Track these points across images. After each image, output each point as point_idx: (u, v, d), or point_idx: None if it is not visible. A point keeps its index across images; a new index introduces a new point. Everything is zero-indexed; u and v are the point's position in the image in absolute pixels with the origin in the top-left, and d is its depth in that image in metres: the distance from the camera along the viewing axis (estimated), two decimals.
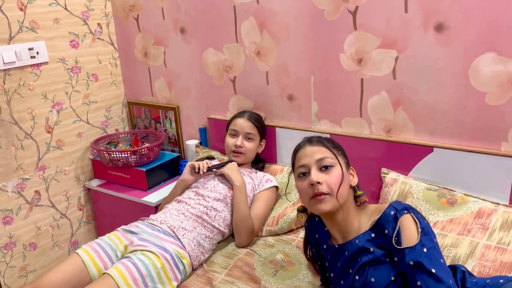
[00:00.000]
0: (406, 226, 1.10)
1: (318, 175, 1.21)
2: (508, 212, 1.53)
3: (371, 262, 1.15)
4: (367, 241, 1.17)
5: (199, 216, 1.73)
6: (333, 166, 1.22)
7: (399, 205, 1.15)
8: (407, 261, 1.07)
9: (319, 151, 1.25)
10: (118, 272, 1.43)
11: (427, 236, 1.09)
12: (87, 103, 2.45)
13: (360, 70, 1.80)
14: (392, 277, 1.11)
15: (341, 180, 1.21)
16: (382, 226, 1.15)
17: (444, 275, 1.04)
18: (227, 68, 2.19)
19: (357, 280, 1.17)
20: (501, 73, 1.50)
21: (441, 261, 1.07)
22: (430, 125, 1.70)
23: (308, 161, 1.24)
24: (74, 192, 2.46)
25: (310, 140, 1.29)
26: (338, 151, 1.29)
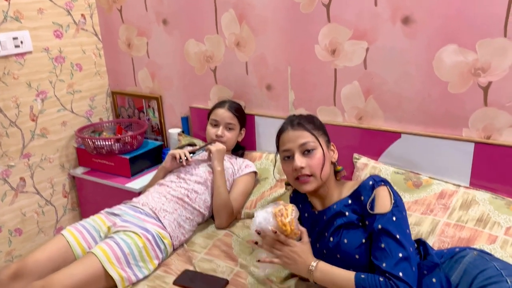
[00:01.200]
0: (381, 195, 1.22)
1: (301, 160, 1.30)
2: (468, 193, 1.64)
3: (345, 225, 1.26)
4: (344, 206, 1.29)
5: (180, 198, 1.81)
6: (315, 149, 1.31)
7: (377, 177, 1.28)
8: (376, 225, 1.18)
9: (301, 136, 1.33)
10: (102, 250, 1.51)
11: (398, 208, 1.21)
12: (71, 92, 2.51)
13: (333, 60, 1.89)
14: (363, 239, 1.22)
15: (323, 162, 1.31)
16: (359, 194, 1.26)
17: (406, 243, 1.16)
18: (208, 59, 2.27)
19: (331, 241, 1.28)
20: (462, 63, 1.61)
21: (406, 231, 1.19)
22: (398, 112, 1.81)
23: (291, 146, 1.33)
24: (59, 180, 2.52)
25: (292, 123, 1.36)
26: (319, 131, 1.37)
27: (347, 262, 1.24)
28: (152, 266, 1.60)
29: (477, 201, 1.59)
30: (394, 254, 1.13)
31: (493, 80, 1.57)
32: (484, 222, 1.52)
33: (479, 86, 1.60)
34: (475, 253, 1.19)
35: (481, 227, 1.51)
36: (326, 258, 1.30)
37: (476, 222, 1.53)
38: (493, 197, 1.60)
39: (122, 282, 1.49)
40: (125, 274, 1.50)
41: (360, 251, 1.21)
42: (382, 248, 1.15)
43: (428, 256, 1.23)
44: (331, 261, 1.28)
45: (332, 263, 1.28)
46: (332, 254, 1.27)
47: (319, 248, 1.33)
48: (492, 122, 1.62)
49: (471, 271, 1.13)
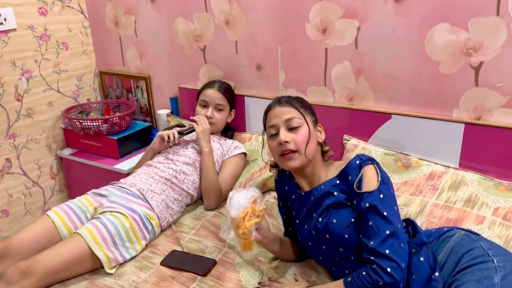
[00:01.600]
0: (368, 174, 1.21)
1: (286, 135, 1.29)
2: (457, 174, 1.64)
3: (334, 205, 1.25)
4: (332, 186, 1.27)
5: (168, 179, 1.79)
6: (301, 126, 1.30)
7: (364, 156, 1.27)
8: (363, 204, 1.17)
9: (287, 112, 1.31)
10: (88, 231, 1.49)
11: (386, 185, 1.20)
12: (58, 71, 2.45)
13: (324, 39, 1.86)
14: (352, 219, 1.21)
15: (308, 138, 1.29)
16: (347, 173, 1.25)
17: (394, 219, 1.15)
18: (197, 38, 2.22)
19: (320, 222, 1.27)
20: (454, 42, 1.59)
21: (394, 208, 1.18)
22: (389, 93, 1.79)
23: (277, 122, 1.32)
24: (46, 161, 2.48)
25: (279, 101, 1.36)
26: (306, 110, 1.36)
27: (336, 242, 1.23)
28: (140, 247, 1.59)
29: (466, 182, 1.59)
30: (382, 231, 1.13)
31: (485, 60, 1.55)
32: (472, 203, 1.52)
33: (470, 66, 1.59)
34: (462, 233, 1.19)
35: (469, 207, 1.51)
36: (315, 239, 1.29)
37: (464, 203, 1.53)
38: (482, 178, 1.60)
39: (108, 263, 1.48)
40: (112, 255, 1.49)
41: (349, 231, 1.21)
42: (369, 226, 1.15)
43: (416, 235, 1.23)
44: (320, 241, 1.28)
45: (321, 244, 1.28)
46: (321, 234, 1.26)
47: (308, 229, 1.32)
48: (483, 103, 1.60)
49: (457, 250, 1.13)
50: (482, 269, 1.03)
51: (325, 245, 1.27)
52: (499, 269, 1.01)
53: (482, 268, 1.03)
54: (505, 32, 1.49)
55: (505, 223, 1.43)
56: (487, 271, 1.02)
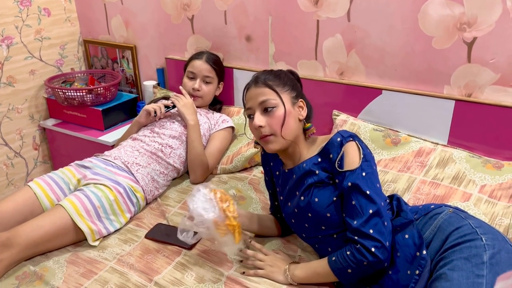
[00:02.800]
0: (350, 152, 1.18)
1: (261, 119, 1.24)
2: (445, 151, 1.63)
3: (316, 183, 1.23)
4: (314, 164, 1.24)
5: (153, 152, 1.75)
6: (276, 107, 1.24)
7: (345, 133, 1.22)
8: (346, 183, 1.15)
9: (262, 93, 1.25)
10: (71, 203, 1.45)
11: (368, 162, 1.17)
12: (40, 39, 2.36)
13: (316, 11, 1.80)
14: (334, 197, 1.20)
15: (283, 120, 1.24)
16: (328, 151, 1.22)
17: (377, 197, 1.13)
18: (185, 6, 2.15)
19: (302, 200, 1.25)
20: (448, 17, 1.55)
21: (377, 186, 1.16)
22: (380, 68, 1.76)
23: (252, 104, 1.27)
24: (29, 131, 2.42)
25: (256, 81, 1.29)
26: (284, 87, 1.28)
27: (318, 221, 1.22)
28: (124, 219, 1.57)
29: (454, 159, 1.58)
30: (365, 211, 1.11)
31: (478, 36, 1.52)
32: (459, 180, 1.52)
33: (463, 42, 1.56)
34: (450, 210, 1.18)
35: (456, 184, 1.51)
36: (298, 217, 1.28)
37: (451, 180, 1.53)
38: (470, 156, 1.59)
39: (92, 235, 1.45)
40: (95, 227, 1.46)
41: (331, 209, 1.19)
42: (353, 205, 1.13)
43: (401, 212, 1.21)
44: (303, 219, 1.27)
45: (303, 221, 1.27)
46: (303, 212, 1.25)
47: (291, 207, 1.31)
48: (475, 79, 1.58)
49: (445, 228, 1.12)
50: (470, 247, 1.02)
51: (307, 223, 1.26)
52: (487, 248, 1.01)
53: (471, 246, 1.02)
54: (500, 6, 1.46)
55: (491, 201, 1.43)
56: (476, 249, 1.02)
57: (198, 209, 1.24)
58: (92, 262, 1.37)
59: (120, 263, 1.36)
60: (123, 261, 1.37)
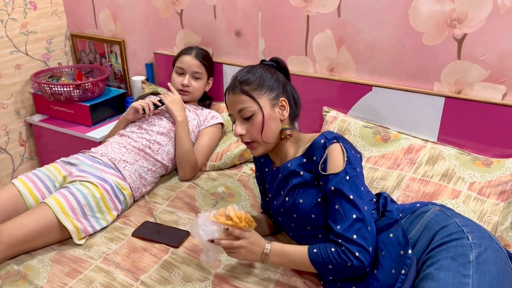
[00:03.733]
0: (333, 154, 1.16)
1: (241, 128, 1.24)
2: (435, 148, 1.62)
3: (300, 184, 1.21)
4: (298, 165, 1.23)
5: (141, 149, 1.72)
6: (254, 114, 1.22)
7: (329, 134, 1.20)
8: (329, 186, 1.13)
9: (239, 101, 1.23)
10: (55, 201, 1.43)
11: (352, 165, 1.15)
12: (25, 33, 2.31)
13: (306, 6, 1.78)
14: (318, 199, 1.18)
15: (261, 127, 1.22)
16: (312, 153, 1.20)
17: (360, 202, 1.11)
18: (174, 1, 2.11)
19: (287, 201, 1.24)
20: (438, 13, 1.54)
21: (361, 189, 1.14)
22: (371, 64, 1.74)
23: (232, 112, 1.27)
24: (15, 127, 2.37)
25: (233, 87, 1.25)
26: (262, 89, 1.23)
27: (303, 221, 1.21)
28: (111, 217, 1.54)
29: (444, 157, 1.58)
30: (348, 216, 1.10)
31: (469, 32, 1.52)
32: (448, 177, 1.52)
33: (454, 38, 1.55)
34: (437, 208, 1.17)
35: (445, 182, 1.51)
36: (283, 216, 1.27)
37: (441, 177, 1.52)
38: (459, 153, 1.59)
39: (77, 234, 1.43)
40: (81, 225, 1.44)
41: (316, 211, 1.18)
42: (336, 209, 1.12)
43: (387, 212, 1.20)
44: (288, 219, 1.26)
45: (289, 221, 1.26)
46: (288, 213, 1.24)
47: (277, 206, 1.30)
48: (465, 76, 1.58)
49: (431, 226, 1.11)
50: (457, 246, 1.02)
51: (293, 223, 1.25)
52: (474, 246, 1.00)
53: (457, 245, 1.02)
54: (490, 3, 1.45)
55: (480, 198, 1.43)
56: (462, 248, 1.01)
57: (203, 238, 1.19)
58: (77, 261, 1.35)
59: (106, 262, 1.34)
60: (109, 260, 1.34)
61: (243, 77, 1.25)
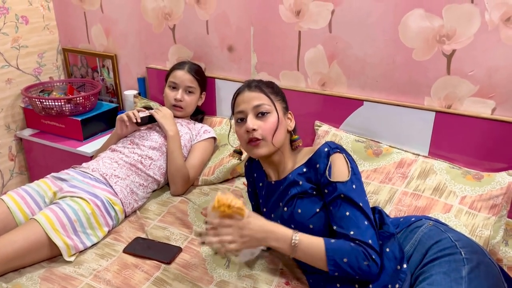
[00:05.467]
0: (337, 163, 1.17)
1: (254, 122, 1.24)
2: (426, 162, 1.64)
3: (299, 194, 1.22)
4: (298, 174, 1.24)
5: (133, 164, 1.71)
6: (270, 113, 1.25)
7: (333, 144, 1.22)
8: (338, 193, 1.13)
9: (257, 98, 1.26)
10: (45, 217, 1.41)
11: (356, 175, 1.17)
12: (17, 47, 2.31)
13: (298, 22, 1.80)
14: (317, 209, 1.18)
15: (276, 126, 1.24)
16: (315, 161, 1.21)
17: (368, 210, 1.14)
18: (167, 16, 2.13)
19: (285, 212, 1.23)
20: (427, 29, 1.56)
21: (365, 199, 1.16)
22: (362, 79, 1.76)
23: (246, 107, 1.26)
24: (4, 142, 2.35)
25: (249, 85, 1.30)
26: (277, 96, 1.30)
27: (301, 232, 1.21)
28: (102, 233, 1.52)
29: (435, 171, 1.59)
30: (361, 223, 1.10)
31: (457, 48, 1.54)
32: (440, 191, 1.52)
33: (443, 54, 1.57)
34: (430, 223, 1.18)
35: (437, 196, 1.51)
36: None
37: (432, 191, 1.53)
38: (450, 167, 1.60)
39: (68, 250, 1.41)
40: (71, 242, 1.42)
41: (314, 221, 1.18)
42: (347, 216, 1.11)
43: (384, 226, 1.21)
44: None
45: None
46: (286, 224, 1.23)
47: (274, 219, 1.29)
48: (454, 91, 1.60)
49: (425, 241, 1.12)
50: (450, 261, 1.02)
51: None
52: (466, 262, 1.01)
53: (450, 261, 1.02)
54: (479, 20, 1.48)
55: (471, 212, 1.44)
56: (455, 263, 1.01)
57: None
58: (67, 278, 1.32)
59: (97, 279, 1.32)
60: (99, 277, 1.32)
61: (261, 81, 1.31)
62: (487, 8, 1.45)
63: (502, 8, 1.44)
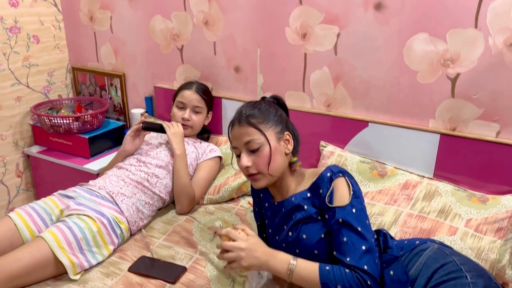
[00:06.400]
0: (339, 187, 1.18)
1: (247, 160, 1.24)
2: (431, 184, 1.64)
3: (304, 219, 1.22)
4: (303, 199, 1.24)
5: (139, 182, 1.73)
6: (261, 146, 1.23)
7: (335, 168, 1.23)
8: (336, 218, 1.14)
9: (246, 133, 1.24)
10: (52, 235, 1.42)
11: (358, 199, 1.17)
12: (27, 66, 2.35)
13: (304, 44, 1.84)
14: (322, 234, 1.18)
15: (269, 158, 1.23)
16: (318, 186, 1.21)
17: (368, 234, 1.13)
18: (175, 37, 2.17)
19: (290, 236, 1.24)
20: (432, 53, 1.59)
21: (366, 222, 1.16)
22: (367, 100, 1.78)
23: (237, 144, 1.26)
24: (12, 158, 2.38)
25: (239, 119, 1.27)
26: (268, 123, 1.25)
27: (305, 257, 1.20)
28: (107, 251, 1.53)
29: (440, 193, 1.59)
30: (357, 247, 1.10)
31: (462, 72, 1.56)
32: (445, 213, 1.52)
33: (447, 77, 1.59)
34: (436, 246, 1.18)
35: (442, 218, 1.51)
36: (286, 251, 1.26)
37: (438, 213, 1.53)
38: (456, 189, 1.60)
39: (73, 269, 1.41)
40: (77, 260, 1.42)
41: (319, 246, 1.18)
42: (344, 242, 1.12)
43: (388, 249, 1.20)
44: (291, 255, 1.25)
45: None
46: (291, 248, 1.23)
47: (279, 241, 1.29)
48: (459, 114, 1.61)
49: (430, 264, 1.11)
50: (456, 285, 1.01)
51: None
52: (472, 286, 1.00)
53: (456, 285, 1.01)
54: (482, 44, 1.50)
55: (477, 235, 1.44)
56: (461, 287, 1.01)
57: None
58: None
59: None
60: None
61: (249, 111, 1.27)
62: (491, 33, 1.48)
63: (506, 33, 1.46)
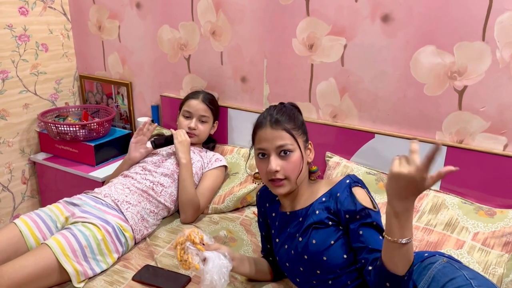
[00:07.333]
0: (360, 193, 1.17)
1: (277, 163, 1.21)
2: (438, 197, 1.63)
3: (314, 224, 1.20)
4: (318, 203, 1.23)
5: (144, 190, 1.73)
6: (292, 151, 1.21)
7: (355, 177, 1.22)
8: (371, 220, 1.13)
9: (279, 137, 1.21)
10: (57, 242, 1.41)
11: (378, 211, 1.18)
12: (36, 73, 2.37)
13: (310, 55, 1.84)
14: (332, 241, 1.17)
15: (300, 166, 1.22)
16: (336, 191, 1.20)
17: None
18: (182, 46, 2.18)
19: (300, 242, 1.22)
20: (439, 65, 1.59)
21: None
22: (373, 112, 1.78)
23: (268, 146, 1.23)
24: (18, 165, 2.39)
25: (273, 122, 1.23)
26: (299, 130, 1.25)
27: (314, 264, 1.19)
28: (111, 260, 1.52)
29: (447, 205, 1.58)
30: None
31: (469, 84, 1.56)
32: (452, 226, 1.51)
33: (454, 90, 1.59)
34: (444, 260, 1.17)
35: (449, 231, 1.50)
36: (293, 260, 1.25)
37: (444, 226, 1.52)
38: (462, 202, 1.59)
39: (77, 277, 1.40)
40: (81, 268, 1.42)
41: (328, 253, 1.17)
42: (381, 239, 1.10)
43: None
44: (298, 263, 1.24)
45: (299, 265, 1.24)
46: (299, 255, 1.22)
47: (288, 249, 1.28)
48: (466, 127, 1.61)
49: (439, 278, 1.10)
50: None
51: (302, 267, 1.23)
52: None
53: None
54: (490, 57, 1.50)
55: (484, 249, 1.42)
56: None
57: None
58: None
59: None
60: None
61: (281, 114, 1.25)
62: (498, 46, 1.48)
63: None
